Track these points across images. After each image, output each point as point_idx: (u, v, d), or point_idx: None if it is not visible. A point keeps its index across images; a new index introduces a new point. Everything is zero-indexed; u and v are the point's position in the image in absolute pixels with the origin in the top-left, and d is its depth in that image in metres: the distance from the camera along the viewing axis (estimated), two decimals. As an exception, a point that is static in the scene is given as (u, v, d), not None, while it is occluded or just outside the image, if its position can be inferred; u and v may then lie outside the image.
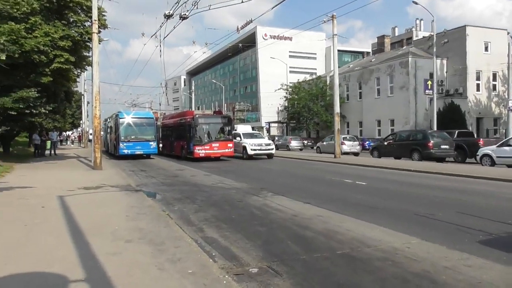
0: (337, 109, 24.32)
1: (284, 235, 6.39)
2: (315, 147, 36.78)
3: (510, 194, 10.51)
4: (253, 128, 53.47)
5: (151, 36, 18.95)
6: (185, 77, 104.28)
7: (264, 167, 19.80)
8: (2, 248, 5.12)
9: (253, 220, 7.54)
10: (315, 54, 69.52)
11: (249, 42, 63.73)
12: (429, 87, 32.78)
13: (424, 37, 45.66)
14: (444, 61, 38.56)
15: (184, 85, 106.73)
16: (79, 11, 17.71)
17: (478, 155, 19.87)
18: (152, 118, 26.54)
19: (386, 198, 10.09)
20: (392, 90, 39.47)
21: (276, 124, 59.89)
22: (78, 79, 24.38)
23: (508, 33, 39.33)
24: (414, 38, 50.10)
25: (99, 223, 6.58)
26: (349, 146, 30.11)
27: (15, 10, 15.54)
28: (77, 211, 7.56)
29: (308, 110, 46.84)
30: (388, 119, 39.69)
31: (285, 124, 56.14)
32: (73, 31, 17.15)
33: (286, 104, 51.21)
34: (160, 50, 19.77)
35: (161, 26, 16.02)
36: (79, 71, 20.73)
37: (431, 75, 34.12)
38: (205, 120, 23.51)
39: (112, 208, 7.98)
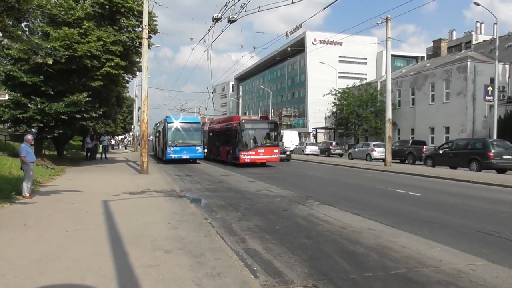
0: (388, 115, 23.29)
1: (332, 250, 5.93)
2: (347, 153, 37.46)
3: None
4: (299, 134, 53.08)
5: (200, 40, 19.19)
6: (233, 82, 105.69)
7: (311, 174, 19.27)
8: (38, 257, 5.04)
9: (299, 231, 7.13)
10: (366, 59, 67.70)
11: (298, 47, 63.30)
12: (490, 93, 30.61)
13: (484, 40, 42.89)
14: (507, 66, 35.95)
15: (232, 90, 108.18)
16: (131, 16, 18.12)
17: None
18: (199, 123, 26.84)
19: (444, 211, 9.28)
20: (448, 96, 37.36)
21: (323, 130, 58.84)
22: (128, 85, 25.13)
23: None
24: (474, 42, 47.25)
25: (139, 230, 6.45)
26: (379, 152, 30.26)
27: (70, 16, 16.10)
28: (119, 217, 7.53)
29: (357, 116, 45.55)
30: (443, 126, 37.56)
31: (332, 130, 54.99)
32: (124, 36, 17.61)
33: (334, 110, 50.16)
34: (208, 55, 19.88)
35: (209, 30, 16.12)
36: (129, 76, 21.30)
37: (492, 80, 31.89)
38: (251, 125, 23.37)
39: (154, 214, 7.90)
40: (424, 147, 28.73)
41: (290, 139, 46.96)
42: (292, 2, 11.65)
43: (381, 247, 6.12)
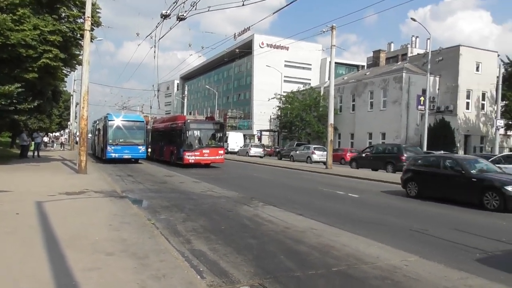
0: (331, 120, 24.19)
1: (277, 249, 6.05)
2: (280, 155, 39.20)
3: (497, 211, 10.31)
4: (244, 136, 53.37)
5: (147, 36, 18.61)
6: (178, 81, 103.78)
7: (254, 175, 19.47)
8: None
9: (244, 231, 7.19)
10: (310, 64, 69.74)
11: (245, 49, 63.67)
12: (422, 103, 32.89)
13: (419, 54, 46.07)
14: (437, 78, 38.84)
15: (177, 89, 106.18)
16: (71, 6, 17.09)
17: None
18: (142, 121, 26.04)
19: (380, 212, 9.85)
20: (385, 104, 39.58)
21: (267, 133, 59.67)
22: (66, 79, 23.65)
23: (499, 55, 40.00)
24: (409, 54, 50.56)
25: (78, 233, 6.11)
26: (319, 155, 31.71)
27: (2, 0, 14.86)
28: (55, 219, 7.06)
29: (301, 120, 46.77)
30: (380, 132, 39.72)
31: (276, 133, 55.95)
32: (64, 26, 16.57)
33: (279, 113, 51.12)
34: (155, 51, 19.37)
35: (157, 26, 15.64)
36: (68, 69, 20.07)
37: (424, 91, 34.31)
38: (196, 125, 23.11)
39: (94, 216, 7.53)
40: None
41: (235, 140, 47.13)
42: (243, 4, 11.73)
43: (323, 245, 6.35)
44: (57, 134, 72.09)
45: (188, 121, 23.00)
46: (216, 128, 23.78)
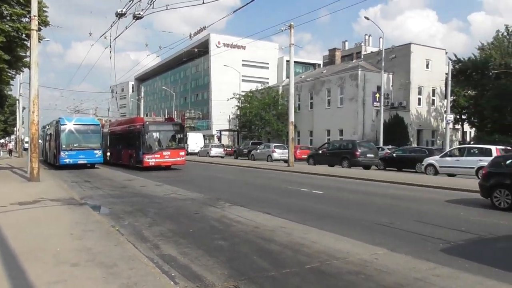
0: (291, 118, 24.44)
1: (249, 250, 5.98)
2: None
3: (456, 202, 10.84)
4: (204, 136, 52.85)
5: (101, 36, 17.74)
6: (133, 83, 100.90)
7: (218, 176, 19.28)
8: None
9: (213, 233, 7.05)
10: (268, 63, 70.17)
11: (202, 49, 63.01)
12: (377, 100, 34.14)
13: (372, 52, 47.69)
14: (391, 76, 40.36)
15: (132, 91, 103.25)
16: (14, 3, 16.07)
17: (423, 164, 20.80)
18: (98, 125, 25.05)
19: (345, 207, 10.04)
20: (342, 101, 40.62)
21: (227, 133, 59.44)
22: (12, 82, 22.26)
23: (446, 52, 42.34)
24: (364, 53, 52.21)
25: (37, 244, 5.71)
26: (279, 154, 31.90)
27: None
28: (9, 231, 6.56)
29: (260, 119, 47.00)
30: (338, 129, 40.73)
31: (236, 133, 55.85)
32: (7, 25, 15.55)
33: (238, 113, 51.06)
34: (110, 51, 18.63)
35: (111, 26, 15.01)
36: (14, 72, 18.89)
37: (379, 88, 35.64)
38: (156, 127, 22.55)
39: (53, 225, 7.09)
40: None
41: (195, 141, 46.55)
42: (203, 2, 11.51)
43: (294, 243, 6.35)
44: (2, 140, 67.93)
45: (147, 123, 22.39)
46: (176, 129, 23.33)
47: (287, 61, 37.92)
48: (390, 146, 29.86)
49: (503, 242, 6.69)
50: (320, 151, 26.64)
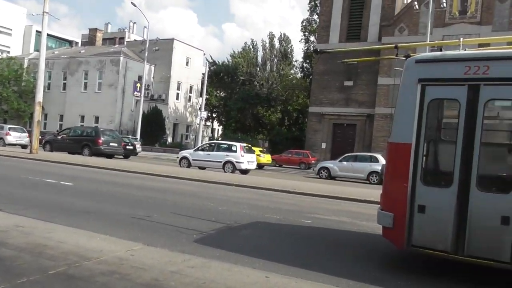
0: (39, 98, 21.11)
1: (-34, 260, 4.61)
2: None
3: (207, 193, 11.85)
4: None
5: None
6: None
7: None
8: None
9: None
10: (11, 29, 58.71)
11: None
12: (138, 89, 33.84)
13: (136, 40, 47.06)
14: (152, 67, 40.86)
15: None
16: None
17: (178, 157, 22.08)
18: None
19: (99, 200, 9.32)
20: (100, 87, 38.39)
21: None
22: None
23: (204, 54, 46.25)
24: (127, 39, 50.86)
25: None
26: (16, 137, 28.08)
27: None
28: None
29: (-4, 94, 38.98)
30: (93, 115, 38.30)
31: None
32: None
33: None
34: None
35: None
36: None
37: (140, 78, 35.46)
38: None
39: None
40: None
41: None
42: None
43: (34, 245, 5.32)
44: None
45: None
46: None
47: (38, 31, 32.88)
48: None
49: (246, 229, 7.60)
50: (60, 137, 25.08)
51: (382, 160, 20.80)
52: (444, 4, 23.71)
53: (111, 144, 23.40)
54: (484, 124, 4.75)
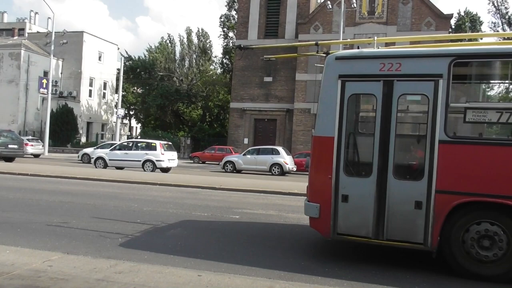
0: None
1: None
2: None
3: (129, 194, 11.31)
4: None
5: None
6: None
7: None
8: None
9: None
10: None
11: None
12: (44, 86, 31.04)
13: (39, 32, 43.14)
14: (60, 62, 37.84)
15: None
16: None
17: (93, 157, 20.84)
18: None
19: (6, 209, 8.40)
20: (-1, 83, 34.57)
21: None
22: None
23: (118, 48, 43.92)
24: (28, 31, 46.32)
25: None
26: None
27: None
28: None
29: None
30: (-9, 115, 34.39)
31: None
32: None
33: None
34: None
35: None
36: None
37: (46, 73, 32.60)
38: None
39: None
40: None
41: None
42: None
43: None
44: None
45: None
46: None
47: None
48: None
49: (174, 229, 7.40)
50: None
51: (283, 153, 21.93)
52: (355, 4, 25.37)
53: (9, 146, 21.51)
54: (398, 117, 5.18)
